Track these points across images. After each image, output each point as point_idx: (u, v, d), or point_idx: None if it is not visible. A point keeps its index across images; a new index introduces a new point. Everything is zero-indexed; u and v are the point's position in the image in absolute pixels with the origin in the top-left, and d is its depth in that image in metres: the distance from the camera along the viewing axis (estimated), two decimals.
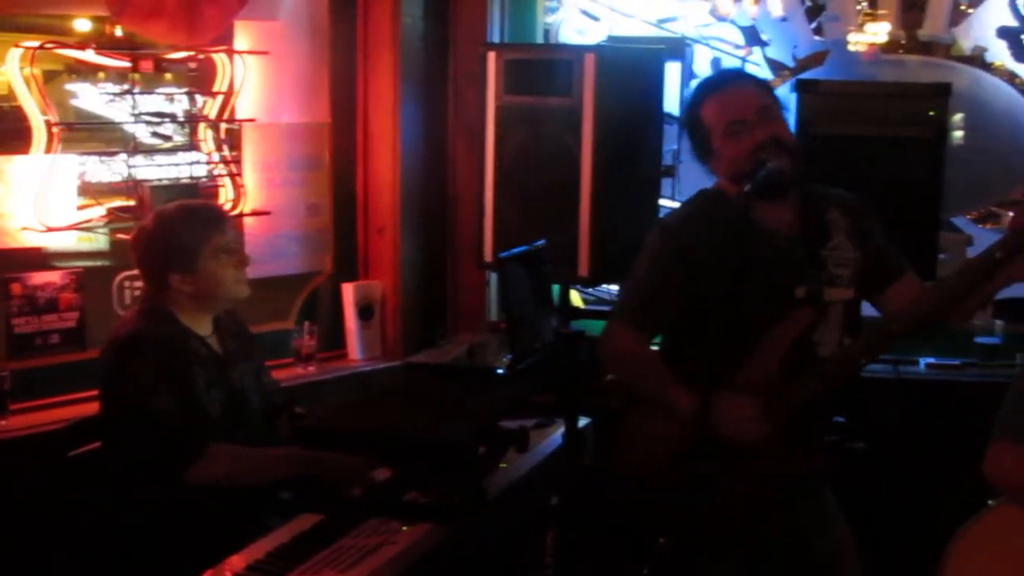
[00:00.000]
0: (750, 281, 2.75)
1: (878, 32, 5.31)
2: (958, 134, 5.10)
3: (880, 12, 5.31)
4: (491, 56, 4.29)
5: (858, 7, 5.31)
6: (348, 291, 4.87)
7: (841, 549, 3.13)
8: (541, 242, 3.32)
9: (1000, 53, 5.17)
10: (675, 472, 2.74)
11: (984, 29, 5.22)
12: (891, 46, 5.33)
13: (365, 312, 4.87)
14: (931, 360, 4.83)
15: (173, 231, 3.23)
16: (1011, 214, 2.67)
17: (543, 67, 4.22)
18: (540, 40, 5.24)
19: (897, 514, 4.17)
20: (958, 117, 4.96)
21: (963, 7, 5.27)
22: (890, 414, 4.33)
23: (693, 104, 3.09)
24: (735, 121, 2.94)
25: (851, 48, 5.30)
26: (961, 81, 5.14)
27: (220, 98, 4.42)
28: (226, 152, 4.48)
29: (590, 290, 4.84)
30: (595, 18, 5.28)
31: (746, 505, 2.88)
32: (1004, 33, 5.12)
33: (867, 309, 3.17)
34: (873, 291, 3.06)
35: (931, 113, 4.30)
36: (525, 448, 2.85)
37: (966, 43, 5.28)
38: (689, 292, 2.95)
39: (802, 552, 3.06)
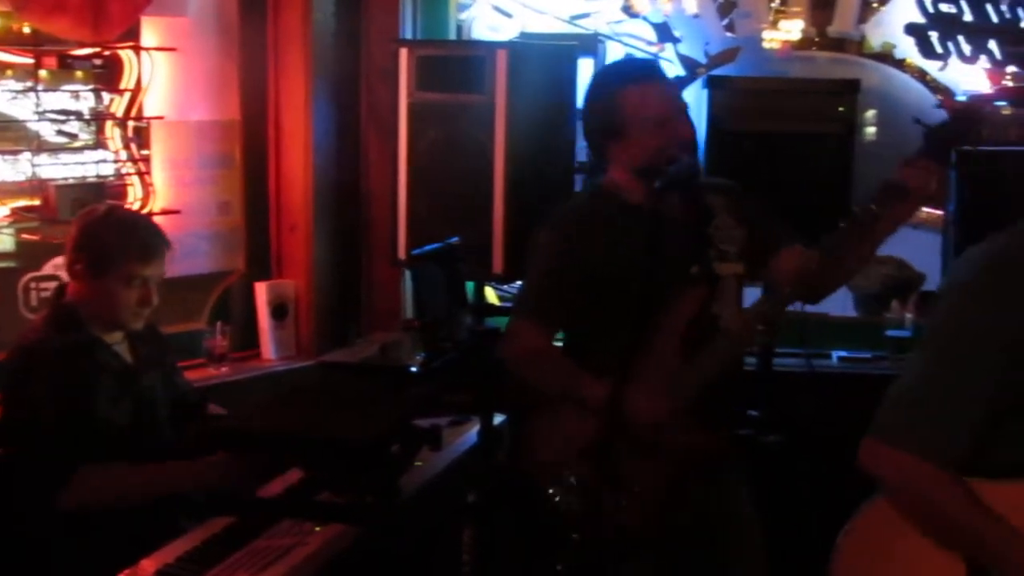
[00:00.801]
0: (648, 269, 2.76)
1: (792, 29, 5.37)
2: (871, 130, 5.17)
3: (792, 9, 5.36)
4: (403, 52, 4.27)
5: (771, 4, 5.36)
6: (261, 290, 4.82)
7: (748, 539, 3.16)
8: (454, 239, 3.30)
9: (908, 49, 5.24)
10: (587, 466, 2.74)
11: (892, 26, 5.29)
12: (805, 43, 5.39)
13: (278, 311, 4.83)
14: (843, 354, 4.89)
15: (109, 230, 3.16)
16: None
17: (455, 64, 4.21)
18: (453, 36, 5.22)
19: (811, 506, 4.21)
20: (870, 113, 5.03)
21: (873, 4, 5.33)
22: (803, 407, 4.38)
23: (610, 90, 3.09)
24: (659, 115, 2.97)
25: (765, 45, 5.35)
26: (870, 77, 5.21)
27: (127, 95, 4.35)
28: (134, 150, 4.40)
29: (505, 287, 4.83)
30: (508, 14, 5.26)
31: (657, 497, 2.90)
32: (912, 30, 5.18)
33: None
34: (761, 263, 3.09)
35: (840, 109, 4.36)
36: (438, 446, 2.83)
37: (875, 40, 5.35)
38: (586, 284, 2.96)
39: (711, 541, 3.08)
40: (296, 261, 4.92)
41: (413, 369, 3.75)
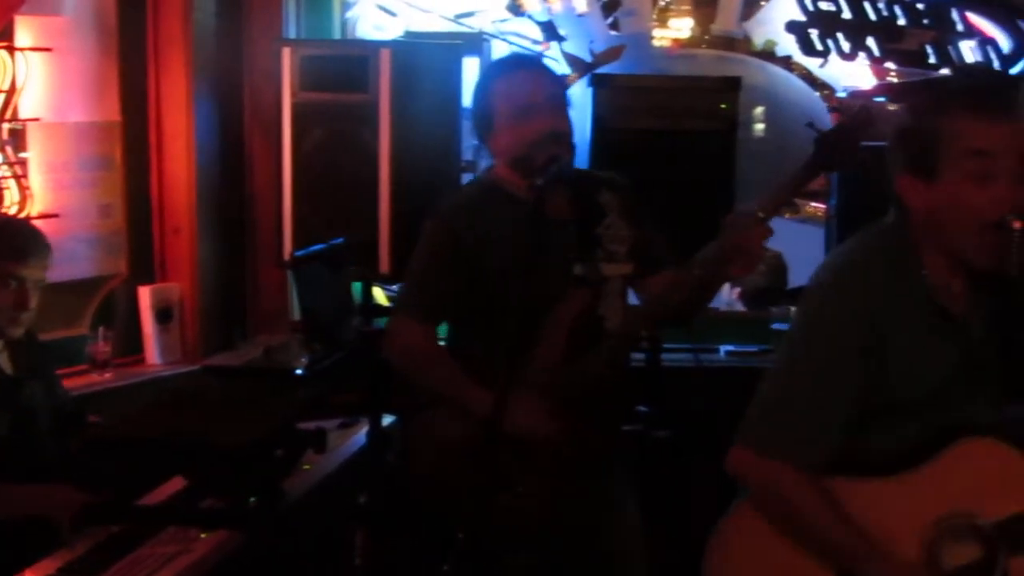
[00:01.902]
0: (531, 266, 2.76)
1: (682, 28, 5.42)
2: (759, 127, 5.25)
3: (680, 7, 5.42)
4: (286, 52, 4.22)
5: (656, 3, 5.40)
6: (144, 294, 4.74)
7: (630, 535, 3.17)
8: (339, 240, 3.28)
9: (790, 47, 5.32)
10: (471, 466, 2.73)
11: (774, 24, 5.37)
12: (694, 41, 5.45)
13: (163, 315, 4.75)
14: (730, 348, 4.96)
15: None
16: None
17: (339, 63, 4.17)
18: (338, 35, 5.19)
19: (700, 500, 4.26)
20: (759, 110, 5.10)
21: (762, 3, 5.41)
22: (691, 402, 4.42)
23: (484, 81, 3.11)
24: (526, 104, 2.96)
25: (656, 43, 5.39)
26: (754, 75, 5.29)
27: (2, 96, 4.24)
28: (10, 153, 4.29)
29: (393, 287, 4.81)
30: (392, 13, 5.24)
31: (540, 495, 2.90)
32: (792, 27, 5.26)
33: None
34: (639, 275, 3.11)
35: (722, 107, 4.41)
36: (323, 449, 2.80)
37: (757, 38, 5.42)
38: (469, 280, 2.95)
39: (594, 537, 3.09)
40: (180, 264, 4.85)
41: (298, 371, 3.71)
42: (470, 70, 4.65)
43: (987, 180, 2.19)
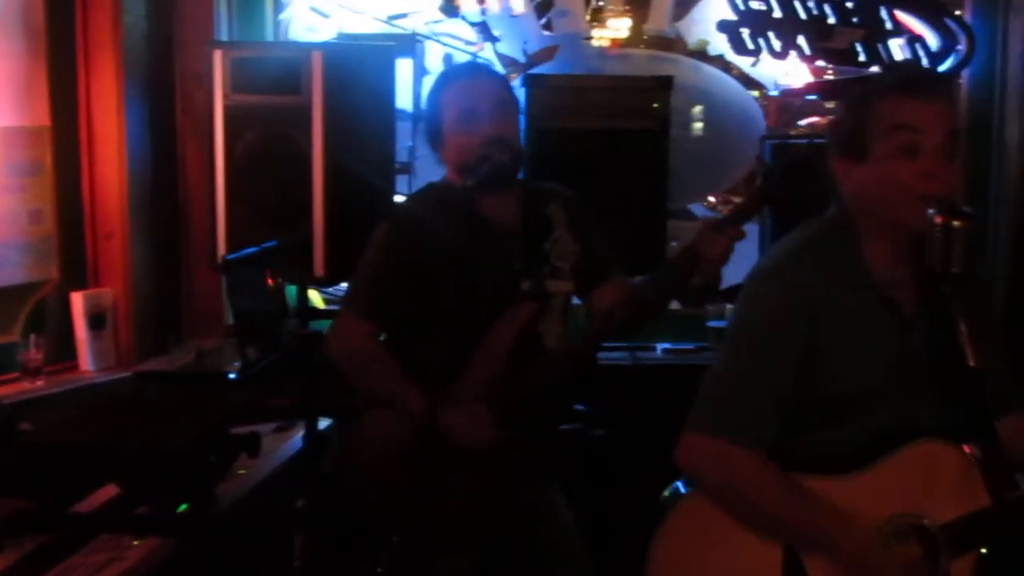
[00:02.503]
0: (476, 275, 2.77)
1: (620, 28, 5.45)
2: (698, 125, 5.28)
3: (615, 8, 5.45)
4: (217, 55, 4.19)
5: (596, 3, 5.42)
6: (77, 300, 4.68)
7: (567, 536, 3.18)
8: (271, 243, 3.26)
9: (721, 46, 5.36)
10: (407, 469, 2.73)
11: (706, 23, 5.41)
12: (633, 41, 5.48)
13: (96, 321, 4.69)
14: (667, 345, 4.98)
15: None
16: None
17: (270, 65, 4.14)
18: (271, 38, 5.16)
19: (638, 497, 4.28)
20: (697, 109, 5.14)
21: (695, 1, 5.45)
22: (629, 400, 4.45)
23: (434, 92, 3.10)
24: (468, 110, 2.97)
25: (594, 44, 5.42)
26: (687, 74, 5.32)
27: None
28: None
29: (330, 290, 4.79)
30: (325, 15, 5.22)
31: (476, 498, 2.90)
32: (723, 26, 5.31)
33: None
34: (586, 290, 3.13)
35: (655, 106, 4.44)
36: (256, 453, 2.79)
37: (690, 37, 5.46)
38: (416, 284, 2.94)
39: (530, 539, 3.09)
40: (113, 269, 4.79)
41: (231, 376, 3.69)
42: (403, 71, 4.65)
43: (915, 154, 2.23)
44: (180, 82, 4.94)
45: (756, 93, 5.49)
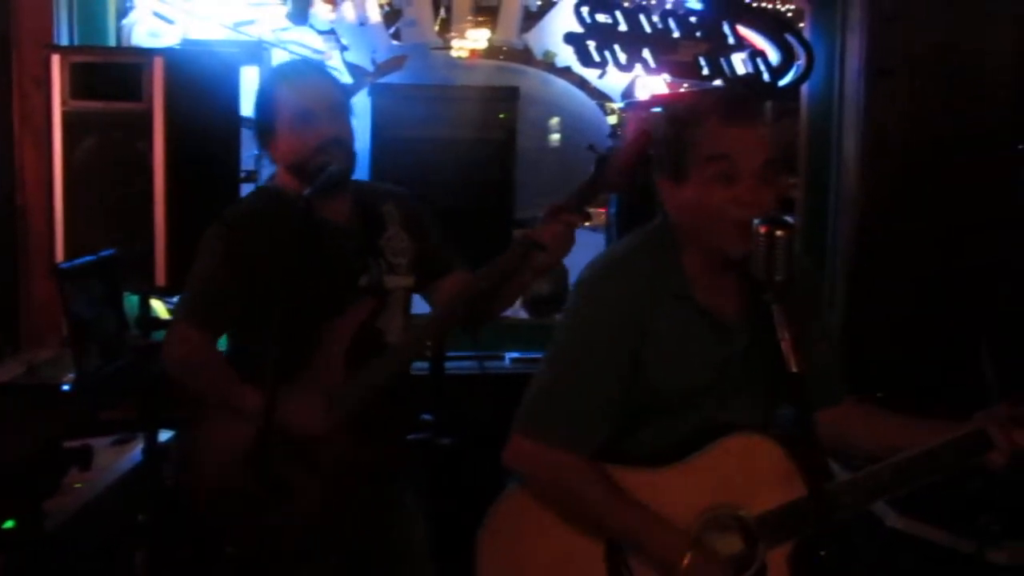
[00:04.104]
0: (313, 274, 2.75)
1: (479, 38, 5.47)
2: (555, 136, 5.33)
3: (459, 19, 5.47)
4: (55, 59, 4.08)
5: (445, 14, 5.45)
6: None
7: (417, 544, 3.18)
8: (109, 252, 3.20)
9: (569, 58, 5.43)
10: (249, 475, 2.69)
11: (553, 35, 5.47)
12: (492, 52, 5.50)
13: None
14: (515, 355, 5.02)
15: None
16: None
17: (111, 71, 4.05)
18: (112, 42, 5.06)
19: (485, 505, 4.30)
20: (555, 121, 5.18)
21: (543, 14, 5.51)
22: (477, 409, 4.46)
23: (268, 86, 3.07)
24: (305, 110, 2.95)
25: (454, 54, 5.43)
26: (534, 85, 5.37)
27: None
28: None
29: (173, 299, 4.71)
30: (170, 21, 5.15)
31: (321, 508, 2.88)
32: (570, 39, 5.36)
33: None
34: (428, 284, 3.14)
35: (501, 116, 4.46)
36: (88, 467, 2.73)
37: (537, 49, 5.51)
38: (251, 287, 2.91)
39: (380, 546, 3.09)
40: None
41: (64, 387, 3.60)
42: (250, 79, 4.60)
43: (731, 181, 2.28)
44: (17, 86, 4.81)
45: (617, 106, 5.57)
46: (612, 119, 5.67)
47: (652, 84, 5.46)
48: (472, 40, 5.50)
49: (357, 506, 2.97)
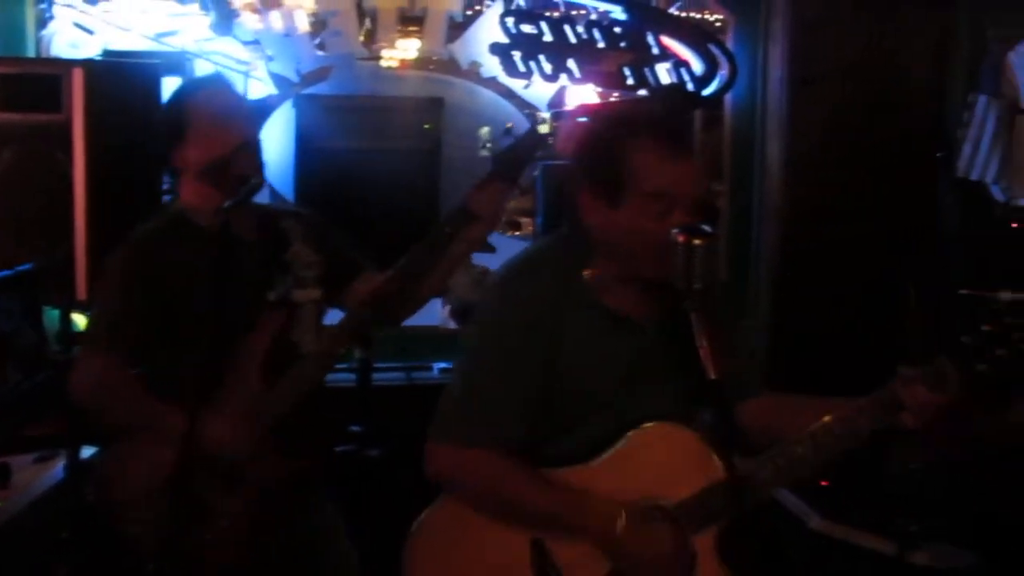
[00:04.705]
0: (222, 291, 2.73)
1: (409, 48, 5.46)
2: (489, 146, 5.32)
3: (385, 30, 5.46)
4: None
5: (370, 25, 5.43)
6: None
7: (342, 557, 3.16)
8: (27, 266, 3.15)
9: (494, 68, 5.43)
10: (171, 495, 2.67)
11: (478, 45, 5.48)
12: (423, 63, 5.49)
13: None
14: (443, 365, 5.01)
15: None
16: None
17: (30, 82, 4.00)
18: (32, 53, 4.99)
19: (413, 516, 4.28)
20: (485, 131, 5.18)
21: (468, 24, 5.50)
22: (405, 420, 4.45)
23: (179, 96, 3.05)
24: (222, 115, 2.94)
25: (383, 64, 5.41)
26: (460, 96, 5.37)
27: None
28: None
29: None
30: (90, 31, 5.08)
31: (245, 528, 2.85)
32: (496, 49, 5.37)
33: None
34: (340, 291, 3.13)
35: (426, 126, 4.47)
36: (5, 484, 2.69)
37: (463, 59, 5.51)
38: (155, 310, 2.88)
39: (306, 562, 3.06)
40: None
41: None
42: (171, 90, 4.55)
43: (668, 213, 2.30)
44: None
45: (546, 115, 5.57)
46: (544, 128, 5.67)
47: (582, 93, 5.47)
48: (402, 50, 5.49)
49: (281, 522, 2.95)
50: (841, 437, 2.34)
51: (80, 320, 4.65)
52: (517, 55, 5.36)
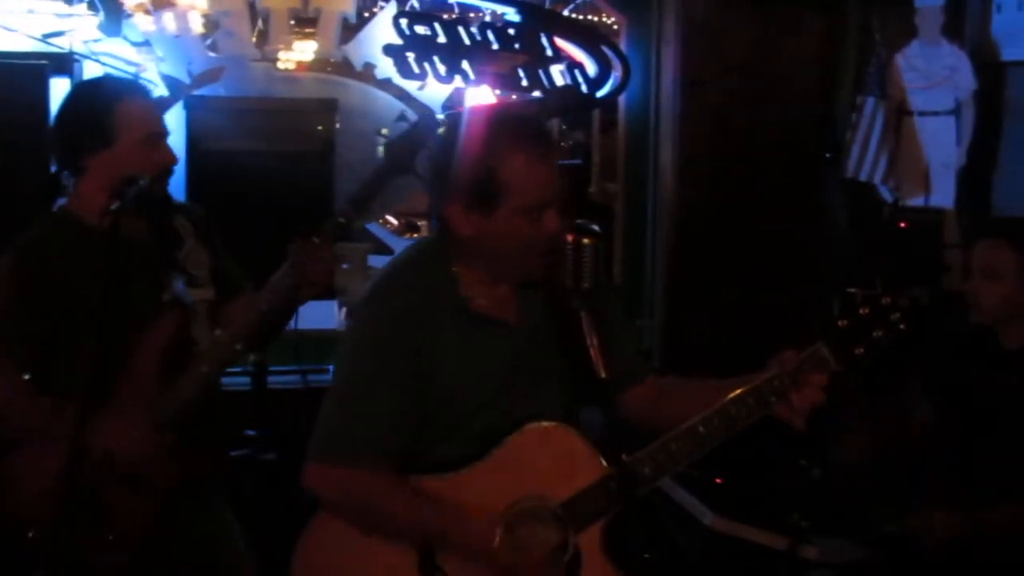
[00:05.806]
0: (116, 291, 2.69)
1: (306, 50, 5.41)
2: (383, 132, 5.30)
3: (278, 30, 5.42)
4: None
5: (263, 26, 5.39)
6: None
7: (239, 560, 3.14)
8: None
9: (388, 70, 5.42)
10: (67, 501, 2.63)
11: (373, 46, 5.46)
12: (321, 64, 5.45)
13: None
14: None
15: None
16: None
17: None
18: None
19: (309, 520, 4.27)
20: (385, 131, 5.16)
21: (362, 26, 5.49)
22: (301, 424, 4.42)
23: (107, 96, 2.97)
24: (157, 133, 2.90)
25: (280, 66, 5.35)
26: (354, 97, 5.36)
27: None
28: None
29: None
30: None
31: (145, 532, 2.82)
32: (390, 51, 5.36)
33: None
34: (219, 299, 3.11)
35: (319, 128, 4.46)
36: None
37: (357, 61, 5.49)
38: (46, 315, 2.84)
39: (204, 567, 3.04)
40: None
41: None
42: (60, 90, 4.48)
43: (538, 219, 2.30)
44: None
45: (440, 116, 5.57)
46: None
47: (480, 94, 5.49)
48: (299, 52, 5.44)
49: (181, 524, 2.92)
50: (719, 428, 2.36)
51: None
52: (411, 56, 5.34)
